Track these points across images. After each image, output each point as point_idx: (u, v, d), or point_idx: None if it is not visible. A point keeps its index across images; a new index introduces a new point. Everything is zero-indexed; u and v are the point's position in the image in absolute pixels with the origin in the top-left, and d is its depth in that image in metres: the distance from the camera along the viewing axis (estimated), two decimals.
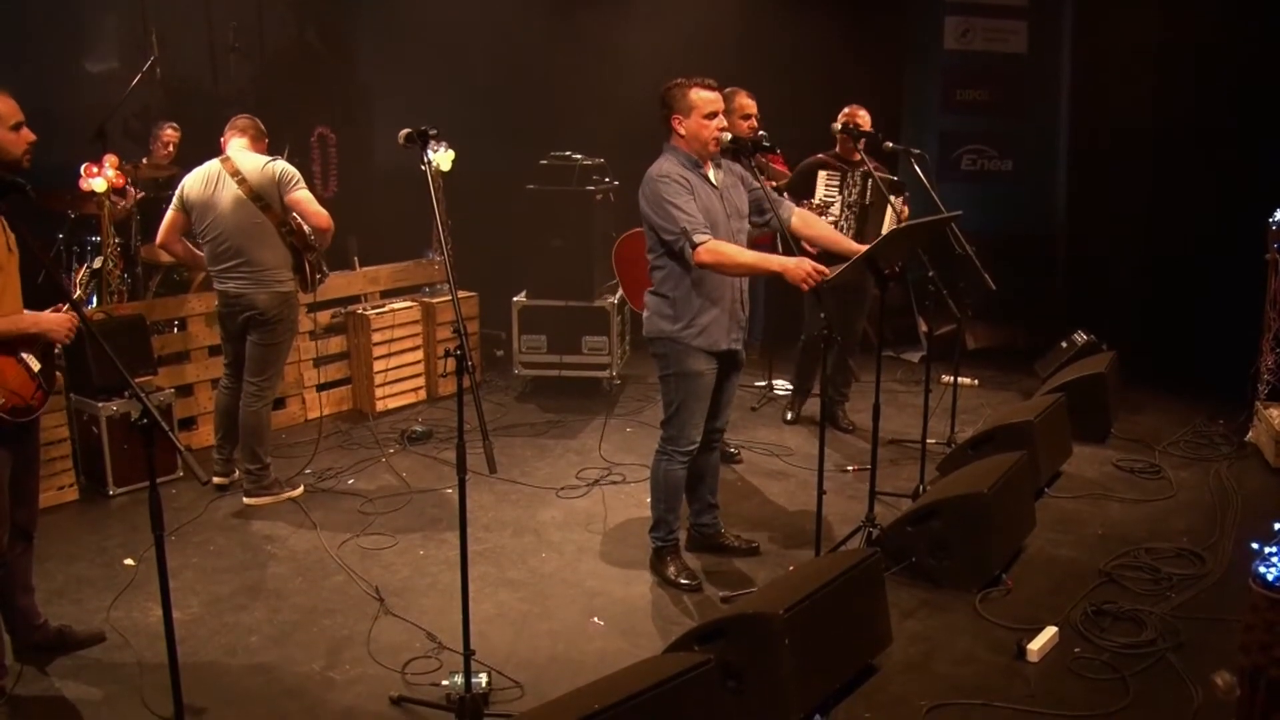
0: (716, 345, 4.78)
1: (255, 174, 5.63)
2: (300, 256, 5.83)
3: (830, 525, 5.51)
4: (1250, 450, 6.90)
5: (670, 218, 4.57)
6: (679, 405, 4.84)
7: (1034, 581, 5.09)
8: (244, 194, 5.62)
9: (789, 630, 3.71)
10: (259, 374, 5.88)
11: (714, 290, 4.72)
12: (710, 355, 4.78)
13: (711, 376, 4.83)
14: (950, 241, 6.10)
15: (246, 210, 5.64)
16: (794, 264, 4.47)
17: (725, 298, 4.76)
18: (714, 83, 4.70)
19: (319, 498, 6.10)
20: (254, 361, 5.87)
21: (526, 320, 7.94)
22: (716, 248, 4.54)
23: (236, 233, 5.67)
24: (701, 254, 4.53)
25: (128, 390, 3.30)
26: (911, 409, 7.47)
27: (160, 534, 3.23)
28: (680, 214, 4.55)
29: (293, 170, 5.69)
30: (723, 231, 4.69)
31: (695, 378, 4.77)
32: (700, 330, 4.73)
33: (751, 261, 4.59)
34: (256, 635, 4.57)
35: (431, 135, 3.87)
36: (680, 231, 4.55)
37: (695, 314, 4.72)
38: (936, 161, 9.50)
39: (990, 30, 9.82)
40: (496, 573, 5.19)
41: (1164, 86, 8.79)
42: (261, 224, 5.67)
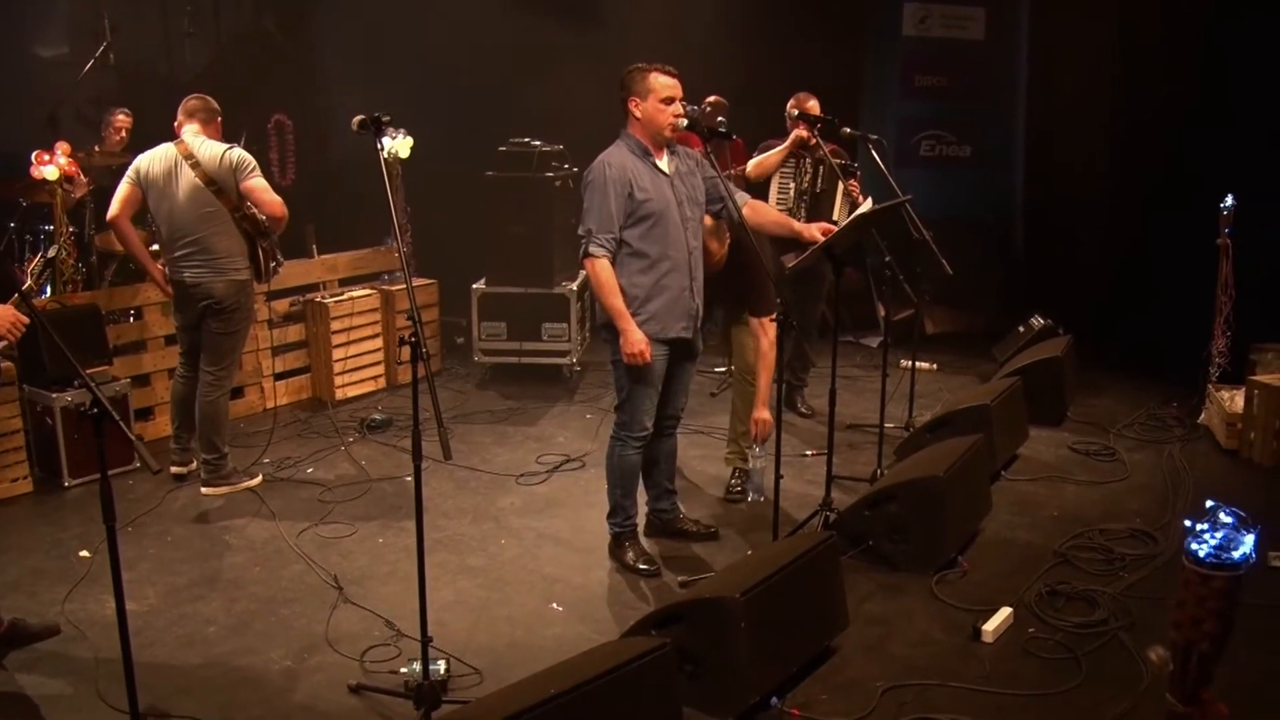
0: (665, 333, 4.79)
1: (211, 160, 5.59)
2: (255, 244, 5.79)
3: (789, 510, 5.54)
4: (1203, 432, 7.00)
5: (591, 212, 4.68)
6: (630, 391, 4.86)
7: (990, 563, 5.14)
8: (199, 180, 5.57)
9: (746, 614, 3.73)
10: (216, 363, 5.84)
11: (663, 278, 4.74)
12: (660, 342, 4.80)
13: (662, 363, 4.84)
14: (908, 227, 6.16)
15: (201, 197, 5.60)
16: (634, 340, 4.66)
17: (674, 286, 4.77)
18: (673, 69, 4.71)
19: (278, 487, 6.07)
20: (211, 350, 5.83)
21: (486, 307, 7.92)
22: (598, 271, 4.67)
23: (191, 219, 5.62)
24: (587, 264, 4.71)
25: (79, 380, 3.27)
26: (870, 394, 7.51)
27: (112, 525, 3.21)
28: (597, 215, 4.65)
29: (249, 158, 5.65)
30: (672, 218, 4.73)
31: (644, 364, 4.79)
32: (648, 317, 4.74)
33: (610, 307, 4.70)
34: (214, 626, 4.54)
35: (384, 122, 3.84)
36: (588, 231, 4.67)
37: (643, 300, 4.73)
38: (895, 148, 9.54)
39: (948, 17, 9.87)
40: (456, 560, 5.19)
41: (1120, 73, 8.87)
42: (216, 211, 5.62)
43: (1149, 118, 8.47)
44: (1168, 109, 8.34)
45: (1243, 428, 6.59)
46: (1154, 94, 8.44)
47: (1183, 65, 8.27)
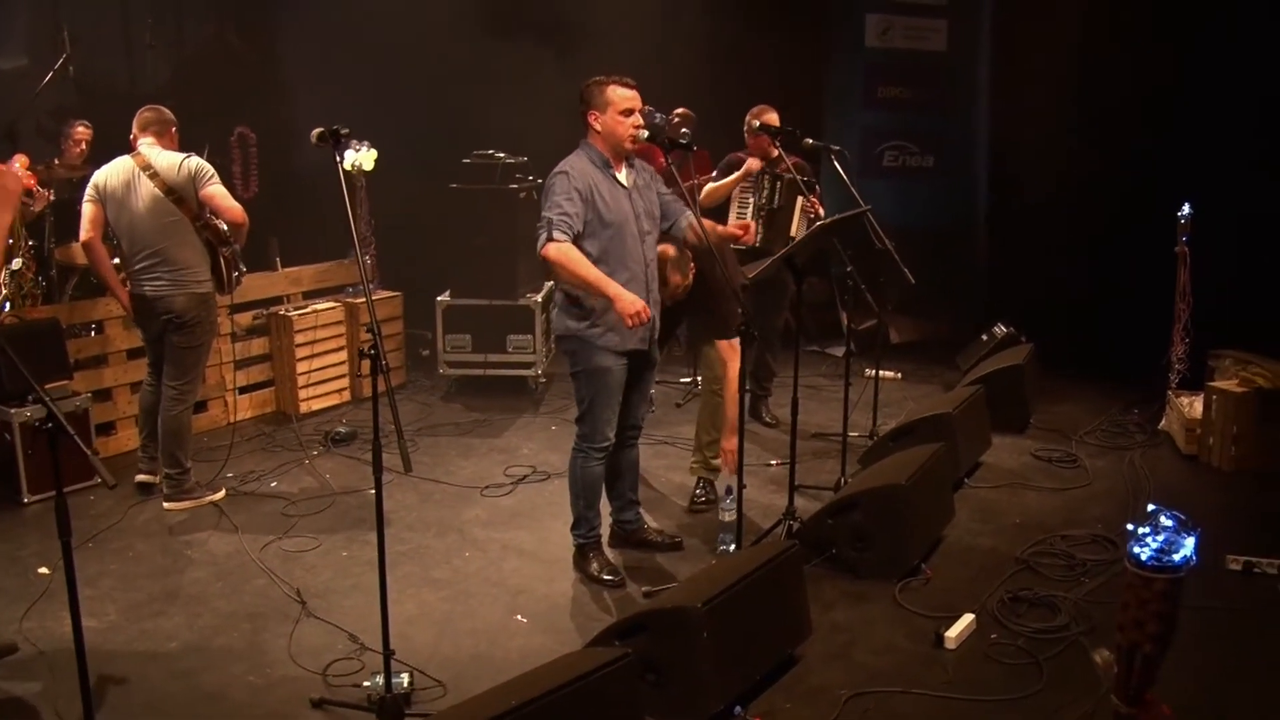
0: (623, 345, 4.80)
1: (169, 170, 5.56)
2: (216, 254, 5.75)
3: (754, 519, 5.56)
4: (1163, 438, 7.08)
5: (548, 205, 4.64)
6: (590, 402, 4.87)
7: (953, 570, 5.17)
8: (158, 190, 5.55)
9: (708, 623, 3.74)
10: (179, 377, 5.80)
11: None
12: (618, 354, 4.81)
13: (621, 373, 4.86)
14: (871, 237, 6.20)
15: (162, 207, 5.57)
16: (631, 297, 4.53)
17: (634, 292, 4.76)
18: (632, 81, 4.74)
19: (241, 501, 6.03)
20: (173, 364, 5.80)
21: (451, 319, 7.90)
22: (567, 251, 4.57)
23: (152, 230, 5.59)
24: (550, 249, 4.57)
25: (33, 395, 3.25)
26: (835, 403, 7.51)
27: (67, 540, 3.19)
28: (557, 208, 4.60)
29: (207, 165, 5.63)
30: (630, 231, 4.76)
31: (604, 374, 4.80)
32: (606, 329, 4.75)
33: (591, 279, 4.58)
34: (176, 641, 4.51)
35: (343, 134, 3.84)
36: (546, 221, 4.60)
37: (602, 312, 4.73)
38: (858, 158, 9.62)
39: (911, 28, 9.95)
40: (420, 572, 5.17)
41: (1081, 83, 8.96)
42: (177, 221, 5.60)
43: (1109, 128, 8.56)
44: (1127, 119, 8.44)
45: (1202, 433, 6.67)
46: (1114, 104, 8.53)
47: (1142, 76, 8.36)
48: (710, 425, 5.86)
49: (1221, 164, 7.75)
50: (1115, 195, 8.49)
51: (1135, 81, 8.41)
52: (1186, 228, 6.92)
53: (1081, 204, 8.88)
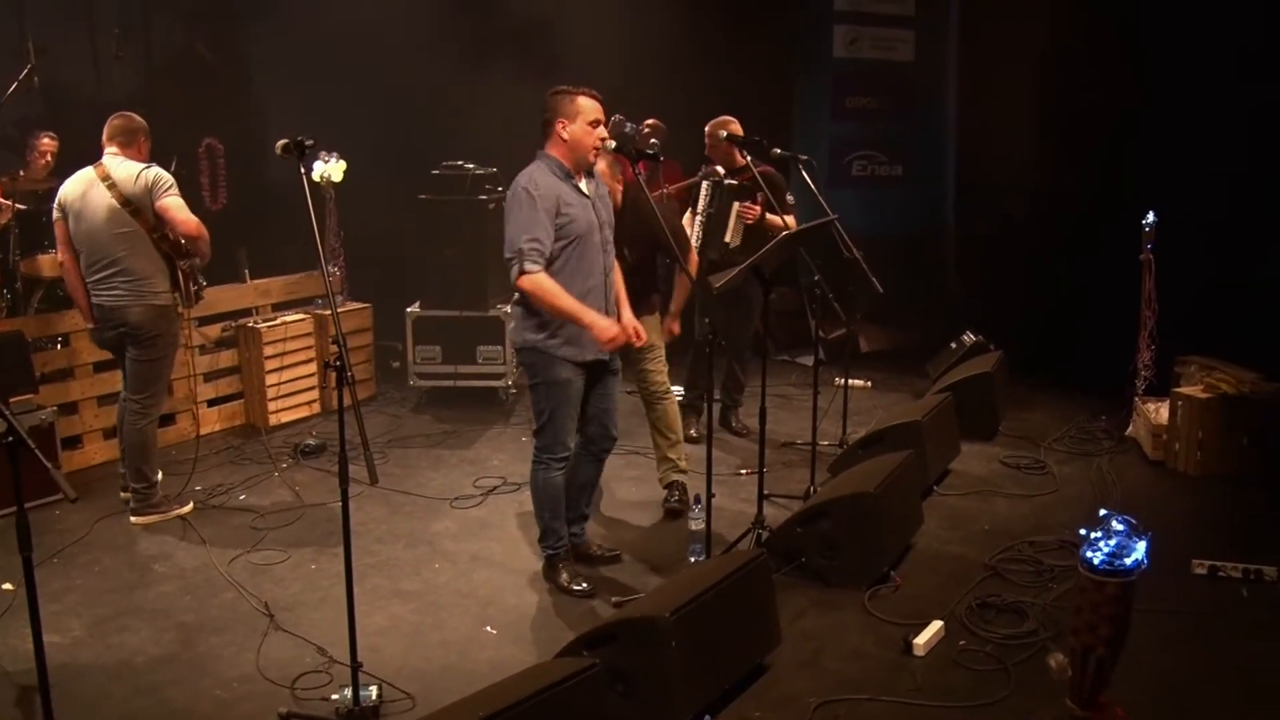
0: (582, 356, 4.81)
1: (127, 180, 5.53)
2: (174, 265, 5.72)
3: (724, 529, 5.56)
4: (1130, 444, 7.13)
5: (519, 230, 4.63)
6: (550, 413, 4.87)
7: (922, 577, 5.20)
8: (115, 200, 5.52)
9: (676, 632, 3.75)
10: (139, 391, 5.77)
11: (582, 300, 4.74)
12: (578, 365, 4.82)
13: (579, 384, 4.87)
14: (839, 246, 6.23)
15: (118, 217, 5.54)
16: (606, 324, 4.61)
17: (593, 303, 4.78)
18: (596, 93, 4.75)
19: (209, 515, 6.00)
20: (134, 379, 5.77)
21: (420, 331, 7.88)
22: (541, 282, 4.60)
23: (108, 241, 5.56)
24: (524, 282, 4.61)
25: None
26: (805, 412, 7.52)
27: (28, 555, 3.16)
28: (526, 235, 4.60)
29: (165, 176, 5.58)
30: (593, 241, 4.77)
31: (563, 385, 4.80)
32: (565, 340, 4.76)
33: (567, 309, 4.62)
34: (142, 656, 4.47)
35: (308, 145, 3.83)
36: (517, 252, 4.61)
37: (561, 324, 4.74)
38: (827, 168, 9.66)
39: (878, 39, 10.02)
40: (389, 585, 5.15)
41: (1047, 93, 9.04)
42: (133, 232, 5.57)
43: (1075, 136, 8.63)
44: (1093, 128, 8.51)
45: (1168, 439, 6.72)
46: (1079, 113, 8.60)
47: (1107, 85, 8.43)
48: (667, 430, 5.99)
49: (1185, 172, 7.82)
50: (1081, 203, 8.54)
51: (1100, 90, 8.47)
52: (1151, 235, 6.98)
53: (1048, 212, 8.95)
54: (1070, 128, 8.69)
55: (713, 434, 5.03)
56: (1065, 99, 8.78)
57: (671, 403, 6.00)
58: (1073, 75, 8.70)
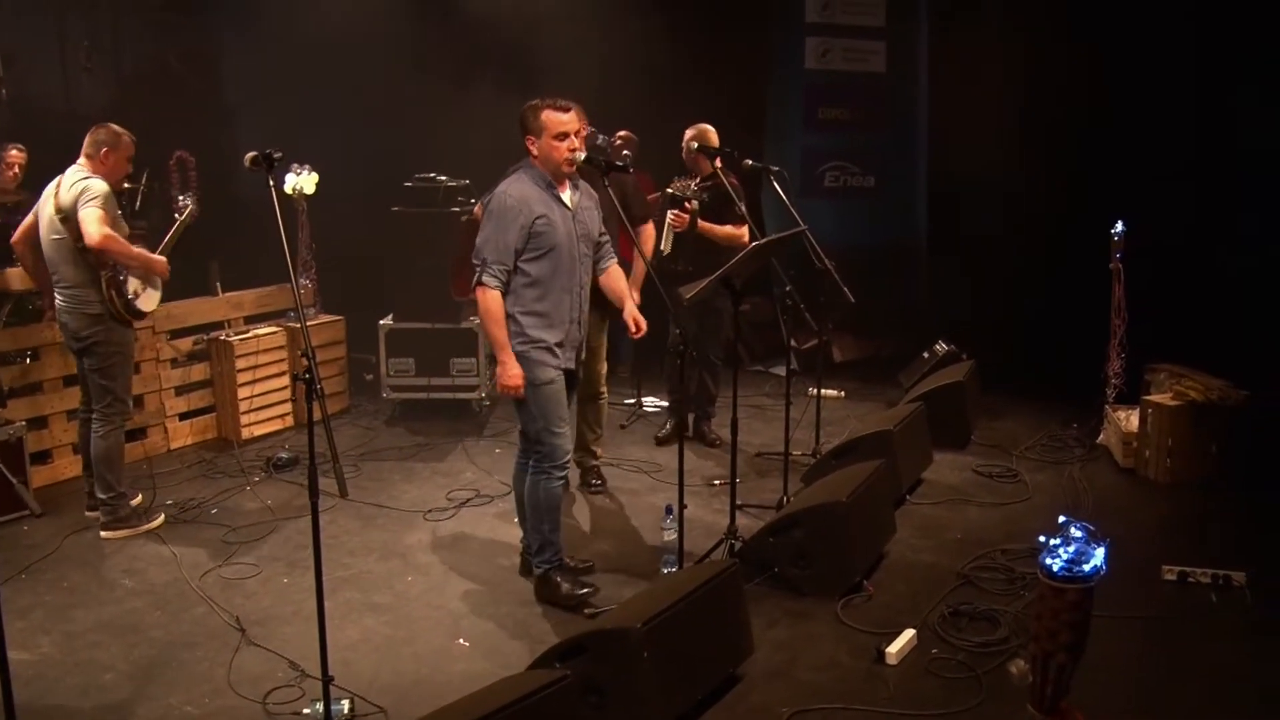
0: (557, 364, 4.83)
1: (65, 190, 5.55)
2: (98, 275, 5.66)
3: (697, 540, 5.56)
4: (1101, 452, 7.18)
5: (487, 241, 4.69)
6: (543, 418, 4.85)
7: (894, 586, 5.21)
8: (53, 209, 5.57)
9: (648, 643, 3.75)
10: (98, 401, 5.78)
11: (554, 308, 4.78)
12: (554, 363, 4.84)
13: (562, 382, 4.88)
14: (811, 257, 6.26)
15: (53, 225, 5.58)
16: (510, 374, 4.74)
17: (564, 318, 4.83)
18: (567, 103, 4.74)
19: (181, 529, 5.96)
20: (91, 389, 5.83)
21: (394, 343, 7.87)
22: (489, 302, 4.70)
23: (49, 247, 5.64)
24: (478, 292, 4.72)
25: None
26: (779, 422, 7.52)
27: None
28: (496, 248, 4.66)
29: (96, 189, 5.51)
30: (565, 255, 4.78)
31: (547, 385, 4.80)
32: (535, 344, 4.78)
33: (495, 338, 4.76)
34: (111, 673, 4.44)
35: (277, 157, 3.83)
36: (482, 262, 4.68)
37: (537, 328, 4.76)
38: (800, 179, 9.70)
39: (850, 50, 10.08)
40: (361, 598, 5.13)
41: (1018, 104, 9.09)
42: (63, 240, 5.58)
43: (1047, 147, 8.69)
44: (1064, 139, 8.57)
45: (1138, 446, 6.77)
46: (1051, 124, 8.67)
47: (1077, 95, 8.51)
48: (595, 424, 6.57)
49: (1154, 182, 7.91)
50: (1052, 213, 8.62)
51: (1071, 101, 8.56)
52: (1120, 244, 7.04)
53: (1019, 222, 9.02)
54: (1041, 138, 8.76)
55: (684, 445, 5.02)
56: (1036, 110, 8.85)
57: (605, 401, 6.59)
58: (1043, 86, 8.77)
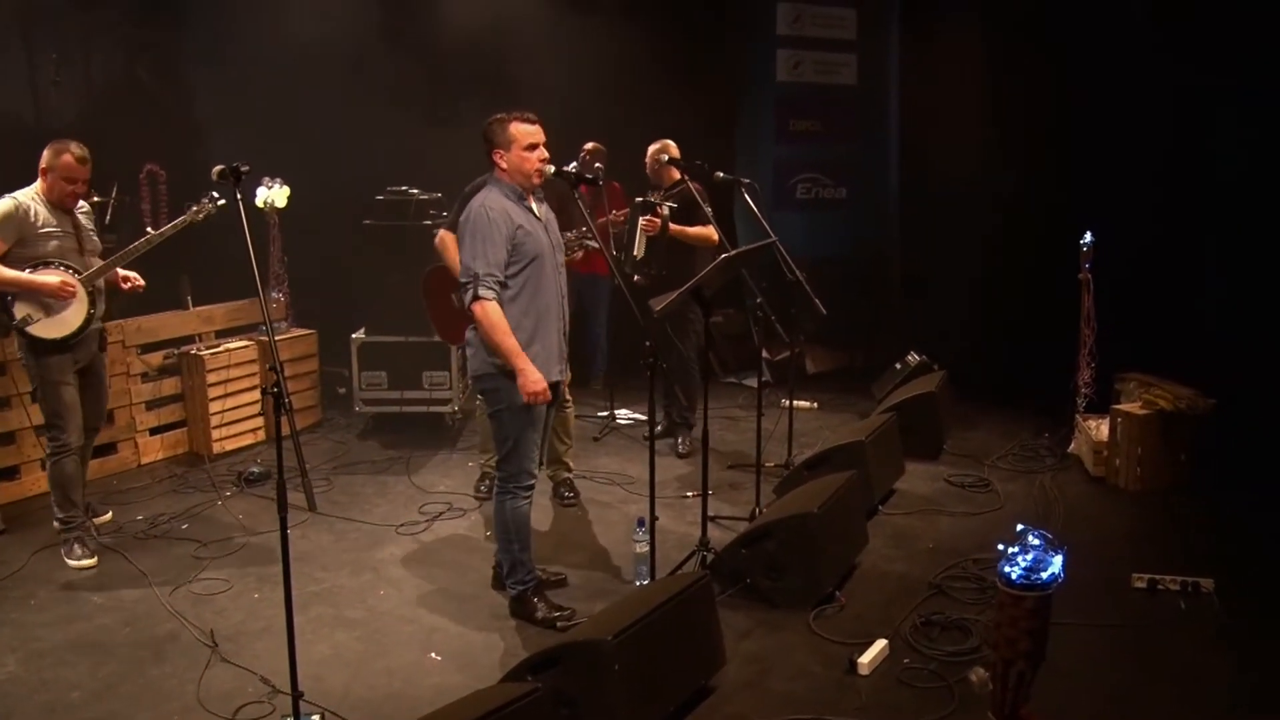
0: (547, 376, 4.76)
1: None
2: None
3: (670, 552, 5.56)
4: (1072, 461, 7.23)
5: (475, 256, 4.61)
6: (516, 441, 4.82)
7: (867, 596, 5.23)
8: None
9: (619, 656, 3.75)
10: (43, 422, 5.69)
11: (541, 320, 4.75)
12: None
13: (543, 408, 4.83)
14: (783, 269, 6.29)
15: None
16: (534, 379, 4.61)
17: (551, 329, 4.81)
18: (534, 116, 4.75)
19: (152, 544, 5.92)
20: None
21: (366, 357, 7.84)
22: (490, 312, 4.58)
23: None
24: (476, 309, 4.59)
25: None
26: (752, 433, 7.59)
27: None
28: (485, 260, 4.59)
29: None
30: (547, 264, 4.77)
31: (527, 410, 4.75)
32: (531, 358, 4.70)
33: (506, 348, 4.60)
34: (79, 691, 4.40)
35: (243, 171, 3.82)
36: (474, 277, 4.59)
37: (526, 343, 4.70)
38: (771, 191, 9.73)
39: (821, 62, 10.13)
40: (333, 613, 5.11)
41: (989, 115, 9.16)
42: None
43: (1017, 158, 8.76)
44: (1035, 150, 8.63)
45: (1108, 455, 6.81)
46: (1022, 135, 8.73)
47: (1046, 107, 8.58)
48: (565, 435, 6.53)
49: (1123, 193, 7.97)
50: (1022, 224, 8.68)
51: (1041, 113, 8.63)
52: (1089, 255, 7.09)
53: (990, 232, 9.07)
54: (1011, 150, 8.83)
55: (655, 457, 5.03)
56: (1005, 122, 8.92)
57: (571, 410, 6.62)
58: (1013, 98, 8.83)
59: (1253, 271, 7.79)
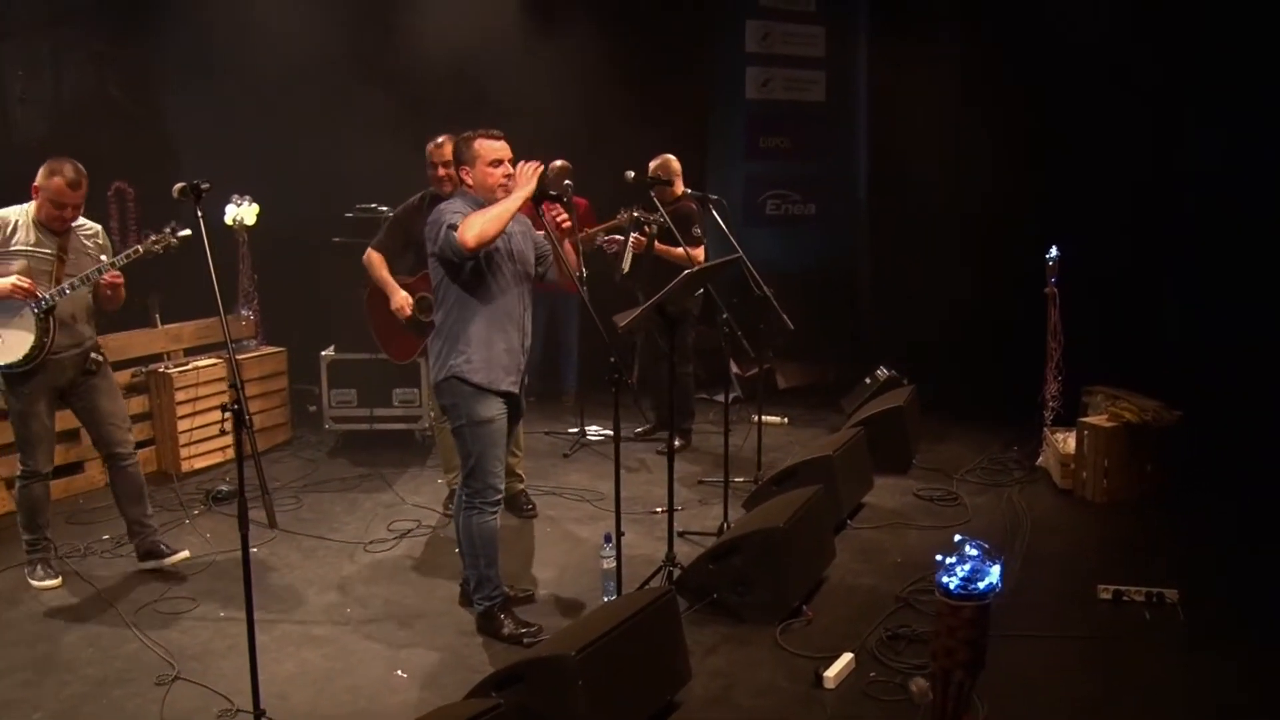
0: (498, 383, 4.78)
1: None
2: None
3: (638, 567, 5.56)
4: (1041, 474, 7.27)
5: (442, 213, 4.65)
6: (478, 456, 4.81)
7: (834, 610, 5.24)
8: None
9: (582, 671, 3.74)
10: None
11: (498, 328, 4.76)
12: (496, 397, 4.79)
13: (503, 421, 4.83)
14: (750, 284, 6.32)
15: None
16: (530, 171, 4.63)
17: (501, 337, 4.80)
18: (499, 132, 4.78)
19: (117, 563, 5.88)
20: None
21: (335, 374, 7.83)
22: (468, 220, 4.53)
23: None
24: (461, 232, 4.50)
25: None
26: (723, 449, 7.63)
27: None
28: (451, 220, 4.59)
29: None
30: (509, 274, 4.80)
31: (487, 424, 4.76)
32: (482, 365, 4.73)
33: (505, 207, 4.57)
34: (40, 712, 4.36)
35: (204, 189, 3.82)
36: (445, 227, 4.58)
37: (479, 346, 4.72)
38: (741, 207, 9.79)
39: (790, 80, 10.21)
40: (300, 631, 5.08)
41: (956, 129, 9.24)
42: None
43: (985, 174, 8.82)
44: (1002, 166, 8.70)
45: (1075, 468, 6.86)
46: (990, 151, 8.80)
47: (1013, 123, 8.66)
48: (516, 447, 6.47)
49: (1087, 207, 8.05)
50: (990, 239, 8.75)
51: (1008, 128, 8.70)
52: (1055, 269, 7.14)
53: (958, 248, 9.14)
54: (978, 165, 8.90)
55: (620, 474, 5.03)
56: (973, 137, 8.99)
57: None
58: (981, 114, 8.91)
59: (1218, 285, 7.88)
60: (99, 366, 5.65)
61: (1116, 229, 8.13)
